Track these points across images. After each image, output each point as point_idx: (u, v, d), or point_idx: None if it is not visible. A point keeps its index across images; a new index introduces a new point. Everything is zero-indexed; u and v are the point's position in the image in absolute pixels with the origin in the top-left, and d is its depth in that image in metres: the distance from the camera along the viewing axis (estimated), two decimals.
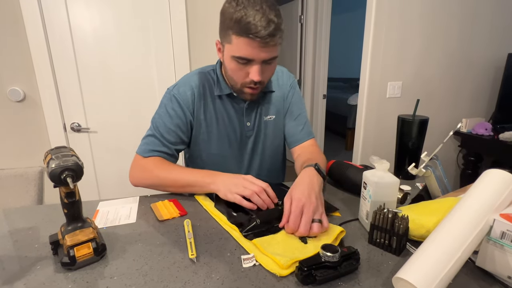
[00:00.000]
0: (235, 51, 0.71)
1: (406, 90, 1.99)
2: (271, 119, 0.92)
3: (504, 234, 0.46)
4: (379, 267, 0.52)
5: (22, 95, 1.46)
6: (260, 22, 0.65)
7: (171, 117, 0.83)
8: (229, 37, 0.71)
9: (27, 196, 1.11)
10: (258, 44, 0.68)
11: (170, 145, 0.83)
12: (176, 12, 1.57)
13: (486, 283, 0.49)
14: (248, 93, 0.80)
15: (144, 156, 0.82)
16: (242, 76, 0.75)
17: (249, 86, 0.77)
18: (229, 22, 0.69)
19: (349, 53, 5.27)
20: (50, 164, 0.48)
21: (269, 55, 0.71)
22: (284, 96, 0.94)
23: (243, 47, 0.69)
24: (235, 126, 0.88)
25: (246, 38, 0.67)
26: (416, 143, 0.89)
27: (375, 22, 1.80)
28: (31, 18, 1.40)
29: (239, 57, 0.71)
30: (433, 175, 0.72)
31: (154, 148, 0.82)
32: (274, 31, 0.67)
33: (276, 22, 0.67)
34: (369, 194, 0.63)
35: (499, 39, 2.10)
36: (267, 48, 0.69)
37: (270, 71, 0.78)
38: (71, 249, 0.51)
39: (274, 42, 0.69)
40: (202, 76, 0.87)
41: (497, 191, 0.51)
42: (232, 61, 0.74)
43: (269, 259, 0.53)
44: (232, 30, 0.69)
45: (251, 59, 0.71)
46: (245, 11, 0.66)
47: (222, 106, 0.87)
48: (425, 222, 0.56)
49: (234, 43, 0.70)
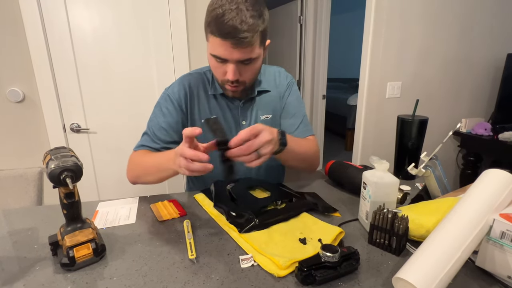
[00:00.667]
0: (211, 49, 0.72)
1: (406, 90, 1.99)
2: (268, 118, 0.92)
3: (503, 234, 0.46)
4: (379, 267, 0.52)
5: (21, 96, 1.46)
6: (232, 21, 0.64)
7: (164, 115, 0.84)
8: (207, 35, 0.71)
9: (27, 197, 1.11)
10: (230, 45, 0.67)
11: (160, 142, 0.84)
12: (176, 12, 1.57)
13: (486, 283, 0.49)
14: (229, 90, 0.79)
15: (135, 150, 0.85)
16: (220, 73, 0.76)
17: (228, 84, 0.77)
18: (206, 19, 0.69)
19: (348, 54, 5.27)
20: (49, 164, 0.48)
21: (243, 56, 0.70)
22: (280, 96, 0.94)
23: (217, 46, 0.69)
24: (231, 125, 0.89)
25: (217, 37, 0.67)
26: (415, 143, 0.89)
27: (375, 22, 1.80)
28: (31, 19, 1.39)
29: (214, 56, 0.72)
30: (432, 175, 0.72)
31: (144, 143, 0.85)
32: (246, 32, 0.65)
33: (251, 23, 0.65)
34: (368, 194, 0.63)
35: (498, 39, 2.10)
36: (240, 49, 0.68)
37: (250, 72, 0.76)
38: (70, 250, 0.51)
39: (247, 44, 0.67)
40: (197, 76, 0.88)
41: (497, 191, 0.51)
42: (211, 58, 0.74)
43: (268, 260, 0.53)
44: (208, 29, 0.69)
45: (224, 59, 0.71)
46: (220, 10, 0.65)
47: (217, 105, 0.87)
48: (425, 222, 0.56)
49: (210, 41, 0.71)
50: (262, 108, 0.91)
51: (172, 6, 1.56)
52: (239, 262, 0.53)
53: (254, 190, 0.81)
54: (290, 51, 3.16)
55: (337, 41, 5.02)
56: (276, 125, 0.94)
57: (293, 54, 3.12)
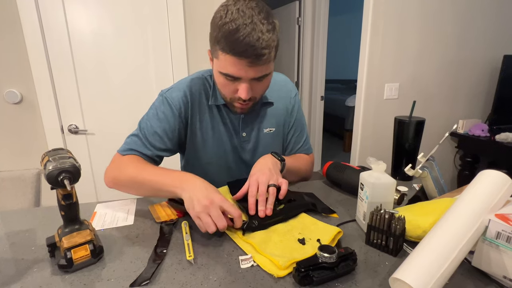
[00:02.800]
0: (221, 68, 0.66)
1: (403, 91, 2.00)
2: (271, 131, 0.89)
3: (499, 234, 0.47)
4: (376, 267, 0.53)
5: (19, 97, 1.46)
6: (248, 38, 0.60)
7: (159, 120, 0.78)
8: (216, 52, 0.66)
9: (24, 199, 1.10)
10: (245, 64, 0.63)
11: (152, 149, 0.78)
12: (174, 14, 1.58)
13: (482, 283, 0.49)
14: (238, 107, 0.76)
15: (122, 154, 0.78)
16: (230, 91, 0.71)
17: (239, 102, 0.73)
18: (216, 35, 0.63)
19: (346, 55, 5.30)
20: (47, 166, 0.48)
21: (258, 74, 0.66)
22: (287, 110, 0.91)
23: (229, 65, 0.64)
24: (231, 136, 0.85)
25: (232, 56, 0.62)
26: (412, 144, 0.90)
27: (372, 24, 1.81)
28: (29, 20, 1.39)
29: (225, 74, 0.67)
30: (429, 176, 0.73)
31: (134, 147, 0.77)
32: (264, 49, 0.61)
33: (267, 38, 0.61)
34: (366, 195, 0.63)
35: (494, 41, 2.12)
36: (255, 67, 0.64)
37: (262, 87, 0.73)
38: (68, 251, 0.51)
39: (264, 61, 0.64)
40: (199, 82, 0.83)
41: (492, 192, 0.51)
42: (220, 76, 0.69)
43: (267, 260, 0.53)
44: (218, 45, 0.64)
45: (237, 77, 0.66)
46: (233, 25, 0.60)
47: (219, 114, 0.83)
48: (422, 223, 0.57)
49: (221, 59, 0.65)
50: (265, 121, 0.87)
51: (171, 8, 1.57)
52: (238, 263, 0.53)
53: None
54: (289, 53, 3.17)
55: (335, 43, 5.03)
56: (279, 138, 0.93)
57: (292, 55, 3.13)
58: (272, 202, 0.66)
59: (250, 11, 0.61)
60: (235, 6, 0.62)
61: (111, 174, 0.75)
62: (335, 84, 5.32)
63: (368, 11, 1.80)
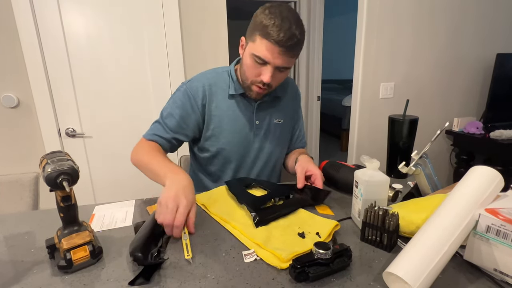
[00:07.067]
0: (256, 50, 0.78)
1: (399, 90, 2.02)
2: (280, 122, 0.98)
3: (489, 228, 0.48)
4: (370, 263, 0.54)
5: (16, 102, 1.46)
6: (284, 33, 0.73)
7: (177, 107, 0.88)
8: (254, 37, 0.78)
9: (22, 203, 1.11)
10: (277, 50, 0.75)
11: (170, 132, 0.87)
12: (170, 18, 1.58)
13: (473, 276, 0.50)
14: (255, 91, 0.85)
15: (146, 138, 0.88)
16: (254, 74, 0.82)
17: (258, 85, 0.83)
18: (258, 25, 0.76)
19: (342, 55, 5.32)
20: (46, 168, 0.49)
21: (283, 63, 0.78)
22: (293, 105, 1.03)
23: (264, 48, 0.76)
24: (245, 123, 0.93)
25: (268, 41, 0.74)
26: (406, 142, 0.91)
27: (367, 25, 1.83)
28: (25, 24, 1.40)
29: (257, 56, 0.77)
30: (422, 173, 0.74)
31: (157, 133, 0.87)
32: (295, 45, 0.75)
33: (299, 38, 0.75)
34: (360, 193, 0.64)
35: (487, 39, 2.14)
36: (283, 56, 0.76)
37: (280, 78, 0.84)
38: (67, 252, 0.51)
39: (291, 54, 0.77)
40: (217, 75, 0.92)
41: (483, 187, 0.52)
42: (250, 58, 0.80)
43: (269, 254, 0.55)
44: (259, 32, 0.76)
45: (266, 61, 0.77)
46: (275, 20, 0.73)
47: (234, 104, 0.91)
48: (415, 219, 0.58)
49: (257, 43, 0.77)
50: (275, 112, 0.97)
51: (166, 12, 1.57)
52: (235, 261, 0.54)
53: (251, 189, 0.84)
54: None
55: (330, 43, 5.05)
56: (286, 129, 1.02)
57: None
58: None
59: (291, 13, 0.76)
60: (279, 7, 0.76)
61: (133, 154, 0.86)
62: (332, 84, 5.34)
63: (363, 12, 1.82)
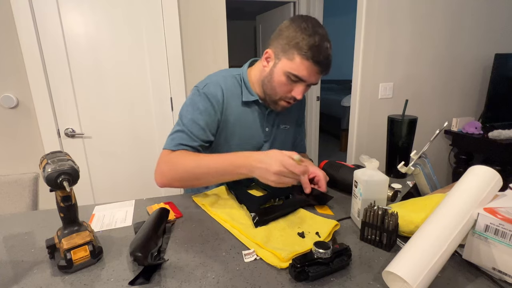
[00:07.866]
0: (294, 69, 0.77)
1: (398, 90, 2.03)
2: (286, 128, 0.98)
3: (488, 227, 0.48)
4: (370, 262, 0.54)
5: (15, 102, 1.46)
6: (326, 52, 0.75)
7: (201, 113, 0.82)
8: (291, 55, 0.76)
9: (22, 203, 1.10)
10: (315, 70, 0.76)
11: (198, 140, 0.82)
12: (169, 19, 1.59)
13: (472, 275, 0.50)
14: (282, 106, 0.86)
15: (172, 149, 0.79)
16: (285, 90, 0.81)
17: (287, 101, 0.84)
18: (299, 43, 0.74)
19: (341, 56, 5.32)
20: (46, 168, 0.49)
21: (317, 80, 0.80)
22: (298, 112, 1.03)
23: (304, 69, 0.76)
24: (256, 130, 0.92)
25: (311, 63, 0.75)
26: (406, 142, 0.92)
27: (366, 25, 1.83)
28: (24, 24, 1.40)
29: (294, 75, 0.77)
30: (421, 173, 0.74)
31: (183, 142, 0.80)
32: (330, 64, 0.78)
33: (331, 57, 0.78)
34: (360, 192, 0.64)
35: (486, 40, 2.15)
36: (319, 75, 0.79)
37: (307, 91, 0.86)
38: (68, 252, 0.51)
39: (325, 72, 0.79)
40: (232, 80, 0.89)
41: (481, 187, 0.53)
42: (283, 75, 0.79)
43: (269, 253, 0.55)
44: (299, 51, 0.75)
45: (303, 80, 0.78)
46: (315, 40, 0.73)
47: (247, 111, 0.90)
48: (414, 218, 0.58)
49: (296, 62, 0.76)
50: (282, 119, 0.97)
51: (166, 13, 1.58)
52: (235, 261, 0.54)
53: (251, 189, 0.84)
54: None
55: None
56: (291, 135, 1.02)
57: None
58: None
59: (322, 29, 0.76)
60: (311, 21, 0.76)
61: (167, 170, 0.77)
62: (331, 85, 5.35)
63: (362, 13, 1.82)
